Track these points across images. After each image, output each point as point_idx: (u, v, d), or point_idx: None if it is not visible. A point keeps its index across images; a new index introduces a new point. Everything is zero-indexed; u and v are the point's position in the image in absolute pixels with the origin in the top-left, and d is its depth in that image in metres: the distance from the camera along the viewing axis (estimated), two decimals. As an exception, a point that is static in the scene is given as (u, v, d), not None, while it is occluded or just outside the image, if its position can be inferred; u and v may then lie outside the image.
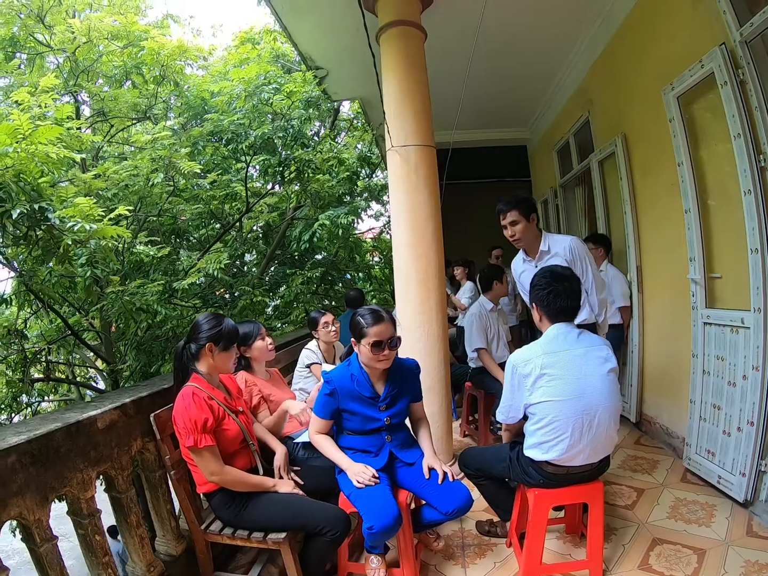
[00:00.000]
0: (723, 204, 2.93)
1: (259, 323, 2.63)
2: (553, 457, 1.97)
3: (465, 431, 4.04)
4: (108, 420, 2.00)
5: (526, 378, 1.99)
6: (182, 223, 6.16)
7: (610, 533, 2.47)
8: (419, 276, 3.13)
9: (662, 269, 3.62)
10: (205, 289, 5.52)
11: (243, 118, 5.37)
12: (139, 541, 2.09)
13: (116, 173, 4.54)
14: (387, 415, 2.14)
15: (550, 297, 2.05)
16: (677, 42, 3.07)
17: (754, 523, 2.49)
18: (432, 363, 3.11)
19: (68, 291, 5.56)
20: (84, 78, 5.92)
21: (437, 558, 2.42)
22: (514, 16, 3.86)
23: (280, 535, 2.00)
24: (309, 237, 5.79)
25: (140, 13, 7.13)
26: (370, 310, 2.12)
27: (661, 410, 3.68)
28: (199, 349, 2.07)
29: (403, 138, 3.12)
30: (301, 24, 4.00)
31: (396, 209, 3.24)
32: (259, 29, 7.67)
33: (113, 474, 2.03)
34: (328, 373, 2.20)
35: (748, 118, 2.51)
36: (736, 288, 2.79)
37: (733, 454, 2.70)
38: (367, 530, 1.91)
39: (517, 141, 7.22)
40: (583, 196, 5.41)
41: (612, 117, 4.22)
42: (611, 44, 4.01)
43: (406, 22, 3.16)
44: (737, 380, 2.70)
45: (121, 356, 5.64)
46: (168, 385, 2.36)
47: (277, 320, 7.09)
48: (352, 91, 5.44)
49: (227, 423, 2.04)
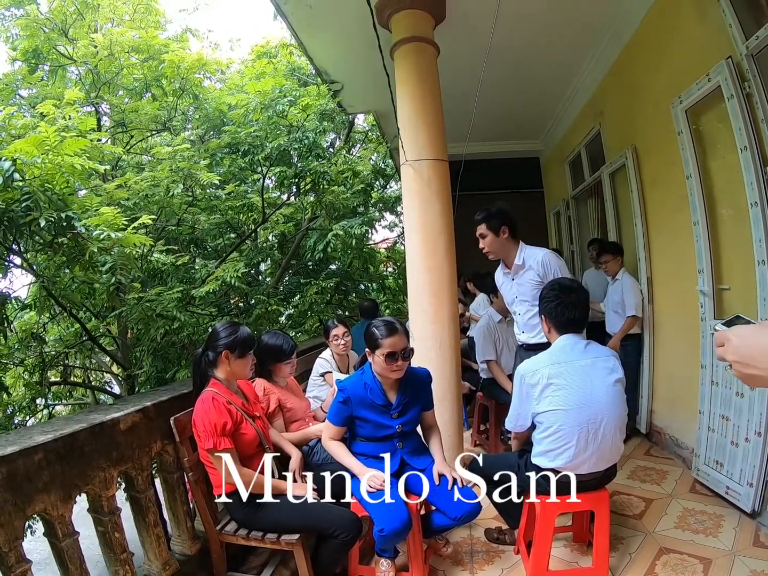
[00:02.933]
0: (731, 216, 2.96)
1: (292, 341, 2.66)
2: (560, 465, 2.01)
3: (476, 441, 4.06)
4: (130, 422, 2.07)
5: (534, 387, 2.04)
6: (199, 232, 6.26)
7: (618, 542, 2.49)
8: (432, 287, 3.18)
9: (672, 281, 3.64)
10: (220, 298, 5.59)
11: (259, 131, 5.46)
12: (156, 540, 2.15)
13: (137, 184, 4.66)
14: (399, 423, 2.20)
15: (559, 309, 2.11)
16: (684, 56, 3.11)
17: (761, 534, 2.50)
18: (444, 373, 3.14)
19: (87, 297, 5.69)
20: (105, 90, 6.07)
21: (446, 563, 2.46)
22: (525, 32, 3.92)
23: (293, 536, 2.05)
24: (323, 247, 5.84)
25: (160, 28, 7.28)
26: (384, 322, 2.18)
27: (671, 421, 3.69)
28: (216, 356, 2.14)
29: (416, 152, 3.18)
30: (317, 39, 4.09)
31: (409, 222, 3.30)
32: (275, 43, 7.80)
33: (133, 474, 2.09)
34: (342, 381, 2.27)
35: (755, 130, 2.53)
36: (745, 299, 2.81)
37: (741, 464, 2.71)
38: (377, 533, 1.97)
39: (530, 153, 7.26)
40: (595, 207, 5.44)
41: (622, 130, 4.26)
42: (620, 58, 4.06)
43: (419, 38, 3.23)
44: (745, 391, 2.71)
45: (137, 362, 5.73)
46: (187, 390, 2.42)
47: (291, 329, 7.13)
48: (367, 104, 5.53)
49: (245, 427, 2.11)
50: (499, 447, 3.63)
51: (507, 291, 2.92)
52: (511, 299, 2.90)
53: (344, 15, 3.60)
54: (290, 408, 2.62)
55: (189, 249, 6.34)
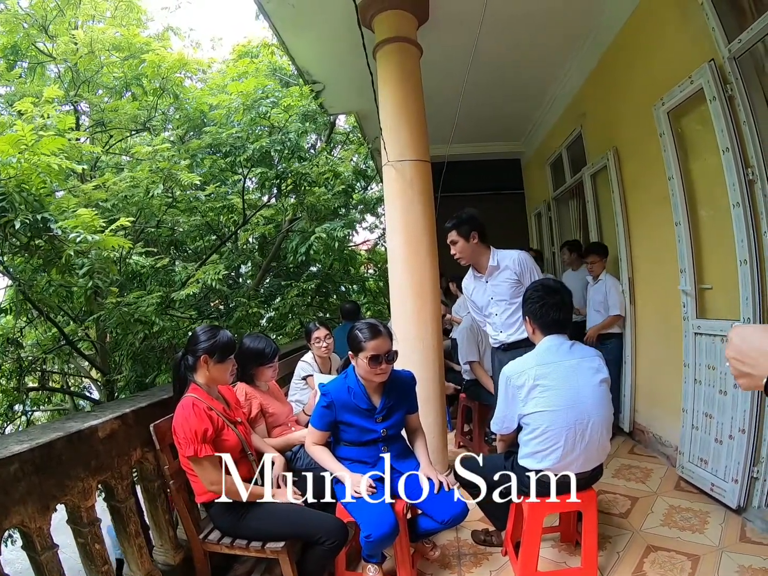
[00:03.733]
0: (712, 216, 2.99)
1: (275, 345, 2.63)
2: (547, 466, 2.00)
3: (460, 442, 4.06)
4: (108, 429, 2.02)
5: (520, 389, 2.03)
6: (179, 234, 6.18)
7: (605, 541, 2.49)
8: (414, 288, 3.17)
9: (653, 281, 3.68)
10: (200, 301, 5.53)
11: (241, 132, 5.42)
12: (138, 551, 2.10)
13: (116, 184, 4.57)
14: (383, 427, 2.18)
15: (543, 310, 2.10)
16: (667, 59, 3.14)
17: (747, 529, 2.52)
18: (427, 375, 3.13)
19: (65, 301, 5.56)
20: (85, 88, 5.96)
21: (433, 567, 2.43)
22: (508, 34, 3.94)
23: (278, 544, 2.02)
24: (306, 250, 5.81)
25: (142, 26, 7.18)
26: (367, 325, 2.15)
27: (654, 420, 3.72)
28: (195, 361, 2.09)
29: (399, 153, 3.17)
30: (299, 39, 4.05)
31: (391, 223, 3.28)
32: (257, 43, 7.74)
33: (113, 483, 2.04)
34: (325, 385, 2.23)
35: (737, 132, 2.57)
36: (726, 298, 2.84)
37: (726, 461, 2.74)
38: (364, 539, 1.93)
39: (511, 154, 7.30)
40: (576, 208, 5.48)
41: (604, 131, 4.30)
42: (603, 60, 4.09)
43: (402, 38, 3.22)
44: (728, 389, 2.74)
45: (117, 366, 5.63)
46: (167, 395, 2.38)
47: (272, 332, 7.10)
48: (349, 105, 5.50)
49: (226, 433, 2.06)
50: (483, 448, 3.63)
51: (480, 295, 2.93)
52: (485, 302, 2.90)
53: (327, 15, 3.59)
54: (272, 413, 2.58)
55: (168, 251, 6.27)
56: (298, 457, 2.52)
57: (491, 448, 3.47)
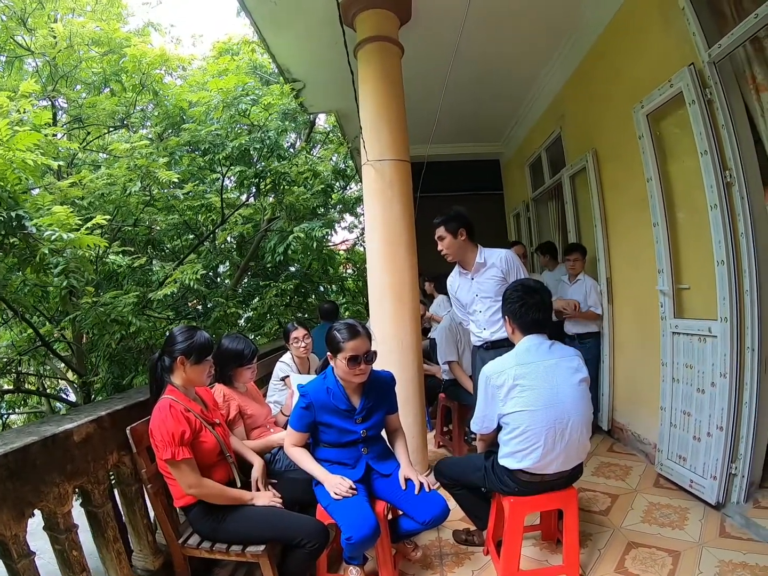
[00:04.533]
0: (690, 218, 3.03)
1: (254, 345, 2.60)
2: (527, 466, 2.01)
3: (440, 442, 4.06)
4: (84, 433, 1.98)
5: (500, 389, 2.03)
6: (156, 233, 6.09)
7: (586, 538, 2.52)
8: (393, 288, 3.16)
9: (632, 281, 3.72)
10: (178, 301, 5.45)
11: (220, 129, 5.36)
12: (116, 556, 2.07)
13: (92, 182, 4.47)
14: (363, 428, 2.16)
15: (522, 310, 2.11)
16: (647, 62, 3.17)
17: (727, 525, 2.57)
18: (407, 375, 3.13)
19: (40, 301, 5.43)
20: (63, 83, 5.84)
21: (415, 568, 2.42)
22: (490, 35, 3.94)
23: (258, 547, 1.99)
24: (284, 250, 5.76)
25: (122, 21, 7.05)
26: (346, 325, 2.13)
27: (633, 418, 3.77)
28: (172, 362, 2.06)
29: (378, 152, 3.16)
30: (280, 36, 4.01)
31: (371, 223, 3.27)
32: (238, 40, 7.66)
33: (90, 488, 2.00)
34: (304, 386, 2.20)
35: (715, 135, 2.61)
36: (704, 299, 2.88)
37: (704, 458, 2.78)
38: (345, 541, 1.91)
39: (491, 155, 7.34)
40: (555, 209, 5.52)
41: (583, 133, 4.33)
42: (584, 63, 4.13)
43: (383, 37, 3.21)
44: (706, 387, 2.79)
45: (93, 368, 5.52)
46: (143, 397, 2.33)
47: (250, 332, 7.04)
48: (329, 104, 5.46)
49: (204, 435, 2.03)
50: (463, 448, 3.63)
51: (464, 292, 2.93)
52: (470, 299, 2.91)
53: (309, 13, 3.56)
54: (251, 414, 2.55)
55: (146, 250, 6.16)
56: (278, 459, 2.49)
57: (471, 448, 3.48)
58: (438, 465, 2.50)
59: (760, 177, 2.61)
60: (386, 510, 2.19)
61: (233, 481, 2.13)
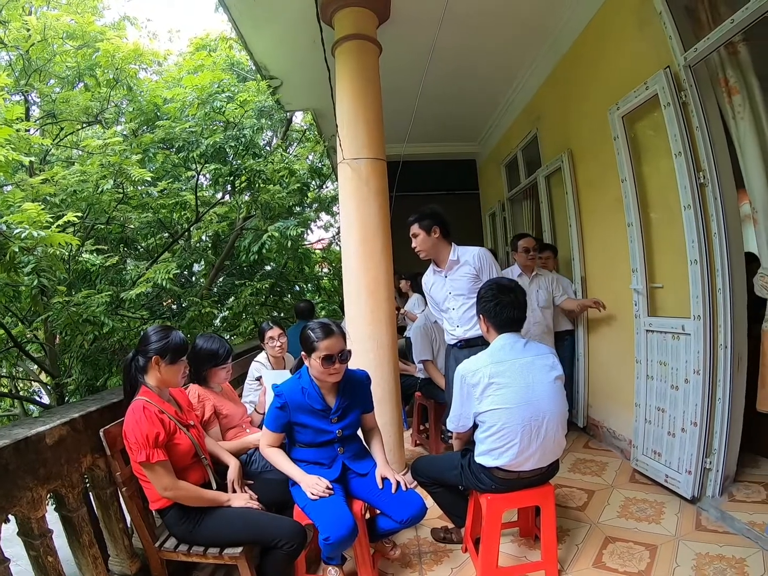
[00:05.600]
0: (664, 218, 3.09)
1: (228, 345, 2.57)
2: (504, 463, 2.02)
3: (416, 441, 4.07)
4: (57, 436, 1.93)
5: (475, 387, 2.04)
6: (130, 231, 5.99)
7: (564, 534, 2.54)
8: (369, 287, 3.16)
9: (606, 280, 3.78)
10: (152, 300, 5.37)
11: (195, 126, 5.29)
12: (93, 561, 2.02)
13: (65, 178, 4.36)
14: (339, 428, 2.15)
15: (497, 308, 2.12)
16: (623, 65, 3.22)
17: (703, 518, 2.62)
18: (383, 374, 3.13)
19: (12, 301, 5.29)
20: (36, 78, 5.70)
21: (394, 567, 2.42)
22: (468, 35, 3.96)
23: (236, 549, 1.98)
24: (258, 249, 5.71)
25: (97, 14, 6.91)
26: (320, 324, 2.12)
27: (608, 414, 3.82)
28: (146, 362, 2.02)
29: (354, 151, 3.16)
30: (258, 33, 3.97)
31: (346, 221, 3.26)
32: (215, 36, 7.57)
33: (63, 492, 1.96)
34: (278, 386, 2.18)
35: (689, 137, 2.67)
36: (677, 297, 2.94)
37: (679, 453, 2.83)
38: (323, 541, 1.90)
39: (467, 155, 7.38)
40: (530, 209, 5.56)
41: (559, 134, 4.38)
42: (560, 65, 4.17)
43: (362, 36, 3.21)
44: (680, 384, 2.84)
45: (66, 369, 5.39)
46: (117, 399, 2.29)
47: (225, 332, 6.98)
48: (306, 102, 5.43)
49: (179, 437, 2.00)
50: (440, 446, 3.65)
51: (438, 290, 2.95)
52: (443, 297, 2.92)
53: (287, 9, 3.53)
54: (226, 415, 2.52)
55: (119, 249, 6.06)
56: (254, 460, 2.47)
57: (448, 446, 3.50)
58: (415, 464, 2.50)
59: (732, 178, 2.67)
60: (364, 509, 2.18)
61: (209, 483, 2.10)
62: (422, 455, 3.53)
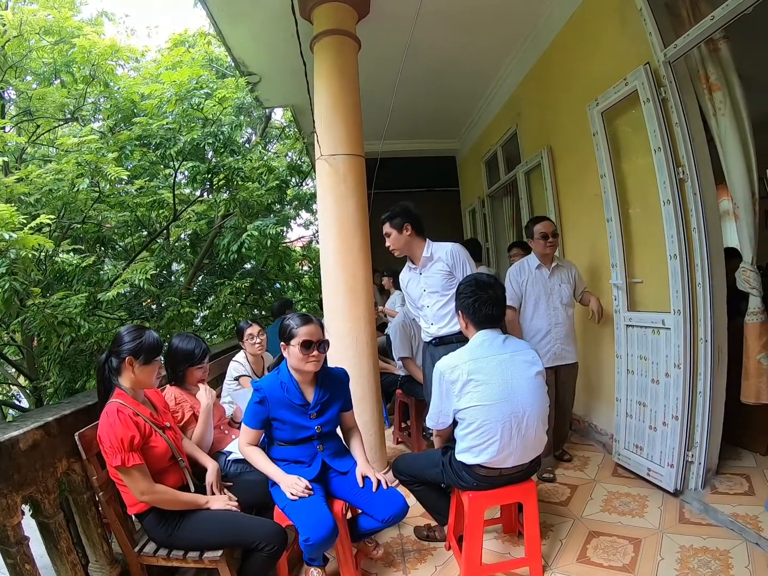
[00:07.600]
0: (643, 213, 3.10)
1: (205, 345, 2.54)
2: (485, 460, 2.01)
3: (398, 438, 4.06)
4: (30, 440, 1.88)
5: (454, 384, 2.03)
6: (107, 230, 5.90)
7: (547, 530, 2.55)
8: (347, 285, 3.14)
9: (586, 275, 3.75)
10: (130, 300, 5.29)
11: (173, 123, 5.22)
12: (72, 568, 1.98)
13: (40, 177, 4.27)
14: (317, 423, 2.13)
15: (476, 305, 2.11)
16: (603, 61, 3.24)
17: (686, 511, 2.64)
18: (362, 372, 3.12)
19: (-14, 303, 5.16)
20: (11, 74, 5.57)
21: (378, 566, 2.41)
22: (447, 31, 3.95)
23: (216, 553, 1.94)
24: (238, 248, 5.66)
25: (75, 9, 6.76)
26: (298, 314, 2.17)
27: (589, 409, 3.85)
28: (120, 363, 1.98)
29: (332, 147, 3.13)
30: (237, 28, 3.92)
31: (324, 218, 3.23)
32: (194, 32, 7.48)
33: (39, 498, 1.91)
34: (257, 381, 2.17)
35: (669, 133, 2.69)
36: (657, 292, 2.96)
37: (661, 447, 2.86)
38: (303, 542, 1.88)
39: (447, 152, 7.39)
40: (510, 205, 5.59)
41: (539, 130, 4.40)
42: (540, 61, 4.18)
43: (340, 31, 3.18)
44: (660, 378, 2.86)
45: (45, 372, 5.29)
46: (92, 401, 2.24)
47: (205, 331, 6.93)
48: (285, 98, 5.38)
49: (155, 440, 1.96)
50: (422, 444, 3.65)
51: (414, 287, 2.94)
52: (418, 294, 2.91)
53: (266, 5, 3.49)
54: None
55: (96, 249, 5.95)
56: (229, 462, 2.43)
57: (430, 444, 3.49)
58: (396, 462, 2.49)
59: (712, 174, 2.69)
60: (345, 509, 2.16)
61: (186, 486, 2.06)
62: (404, 453, 3.53)
